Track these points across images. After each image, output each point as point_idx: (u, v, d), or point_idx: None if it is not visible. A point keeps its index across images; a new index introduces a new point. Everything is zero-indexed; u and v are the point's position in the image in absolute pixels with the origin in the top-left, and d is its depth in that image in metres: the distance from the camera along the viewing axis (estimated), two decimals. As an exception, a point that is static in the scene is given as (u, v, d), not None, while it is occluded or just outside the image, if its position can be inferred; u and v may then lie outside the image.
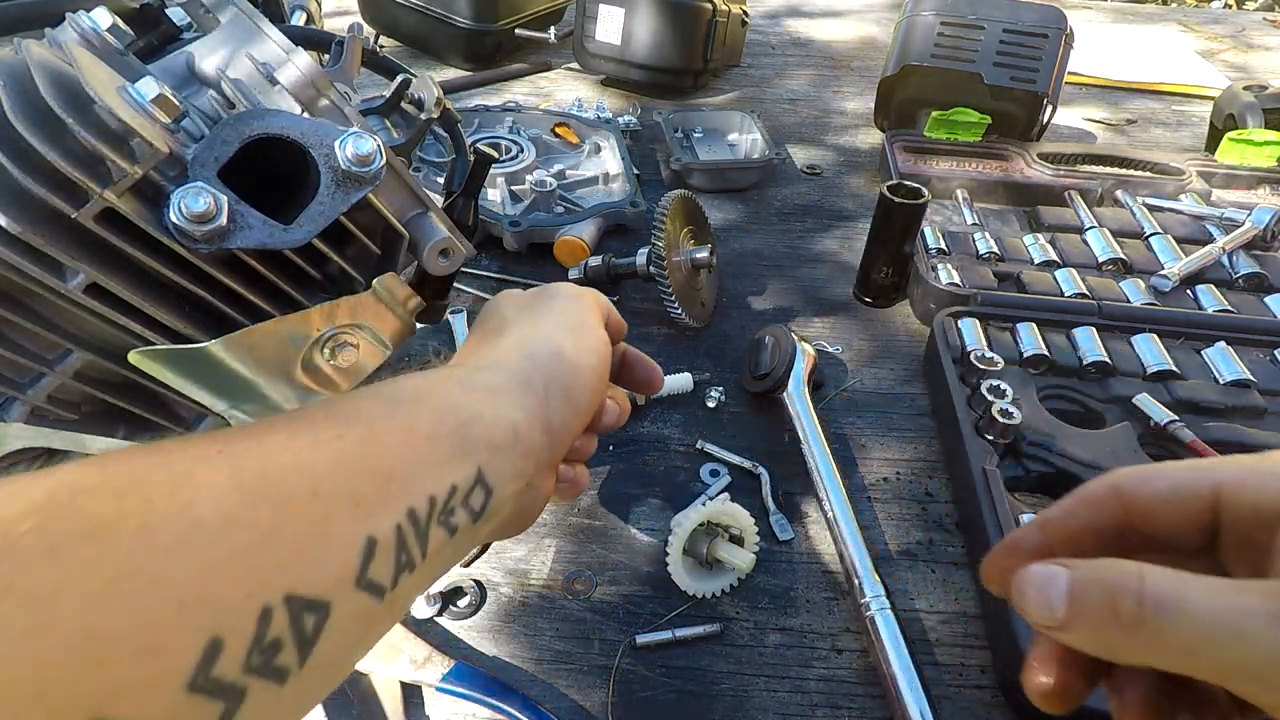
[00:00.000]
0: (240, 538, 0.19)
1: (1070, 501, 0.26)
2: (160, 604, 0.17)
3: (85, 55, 0.31)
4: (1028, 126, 0.96)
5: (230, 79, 0.36)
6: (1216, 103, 1.01)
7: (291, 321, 0.38)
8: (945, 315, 0.68)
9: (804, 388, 0.62)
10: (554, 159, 0.95)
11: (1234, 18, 1.69)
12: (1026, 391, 0.62)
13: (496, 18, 1.19)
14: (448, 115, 0.46)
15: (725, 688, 0.46)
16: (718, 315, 0.75)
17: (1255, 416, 0.61)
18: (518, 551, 0.53)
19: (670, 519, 0.53)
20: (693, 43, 1.11)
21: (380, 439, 0.24)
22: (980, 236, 0.80)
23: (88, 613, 0.16)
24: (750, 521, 0.51)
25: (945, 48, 0.93)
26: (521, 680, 0.46)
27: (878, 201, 0.73)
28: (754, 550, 0.50)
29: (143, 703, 0.16)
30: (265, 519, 0.19)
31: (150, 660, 0.16)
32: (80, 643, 0.15)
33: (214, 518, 0.19)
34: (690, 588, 0.50)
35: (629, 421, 0.62)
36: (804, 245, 0.86)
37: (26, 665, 0.15)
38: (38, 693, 0.15)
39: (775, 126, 1.11)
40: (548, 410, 0.31)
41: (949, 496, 0.58)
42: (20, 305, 0.31)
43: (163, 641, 0.17)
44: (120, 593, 0.16)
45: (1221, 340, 0.67)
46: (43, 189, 0.28)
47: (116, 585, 0.16)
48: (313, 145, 0.34)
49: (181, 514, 0.18)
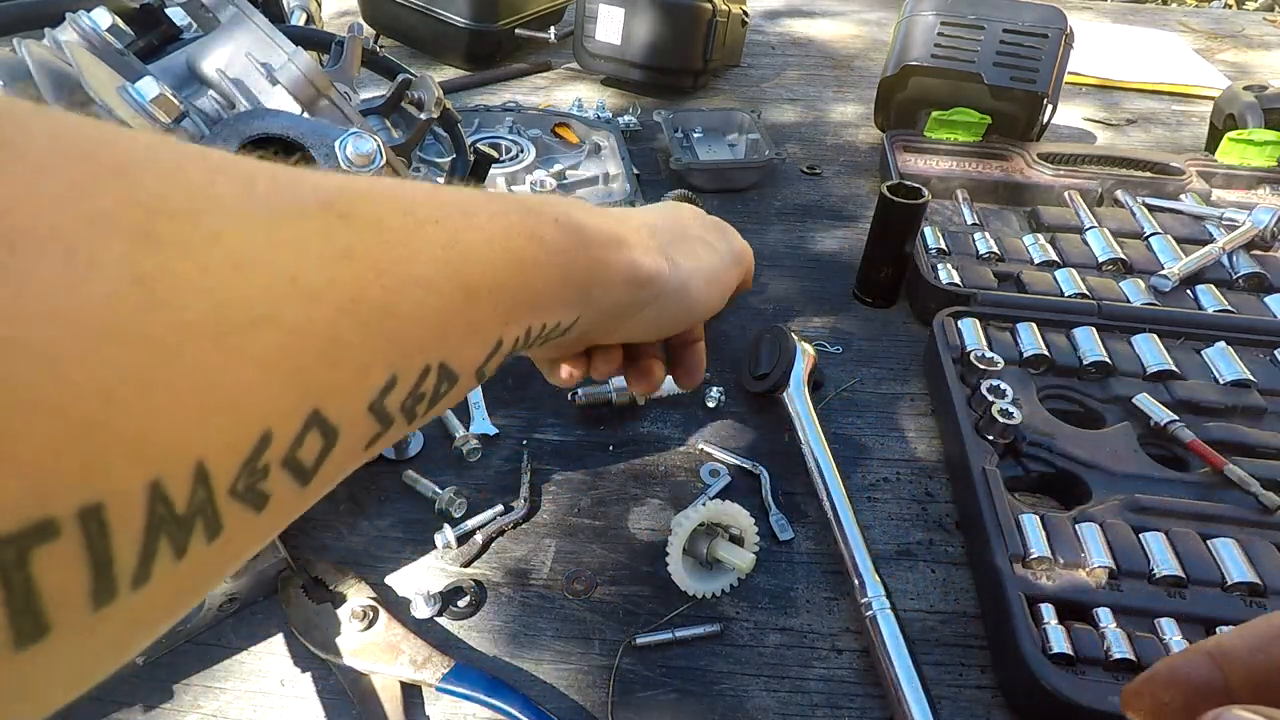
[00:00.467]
0: (439, 302, 0.21)
1: (1256, 632, 0.21)
2: (396, 328, 0.19)
3: (85, 55, 0.31)
4: (1028, 126, 0.96)
5: (230, 79, 0.36)
6: (1216, 103, 1.01)
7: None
8: (945, 315, 0.68)
9: (804, 388, 0.62)
10: (554, 159, 0.95)
11: (1234, 18, 1.69)
12: (1026, 391, 0.62)
13: (496, 18, 1.19)
14: (448, 115, 0.46)
15: (725, 688, 0.46)
16: (718, 315, 0.75)
17: (1255, 416, 0.62)
18: (518, 551, 0.53)
19: (670, 519, 0.53)
20: (693, 43, 1.11)
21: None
22: (980, 236, 0.80)
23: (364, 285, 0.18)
24: (750, 522, 0.51)
25: (945, 48, 0.93)
26: (521, 680, 0.46)
27: (878, 201, 0.73)
28: (754, 550, 0.51)
29: (338, 408, 0.18)
30: (458, 296, 0.22)
31: (360, 375, 0.18)
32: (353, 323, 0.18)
33: (435, 276, 0.21)
34: (690, 588, 0.50)
35: (629, 421, 0.63)
36: (804, 245, 0.86)
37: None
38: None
39: (775, 126, 1.12)
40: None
41: (949, 496, 0.59)
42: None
43: (376, 363, 0.19)
44: (392, 287, 0.19)
45: (1221, 340, 0.67)
46: (43, 189, 0.28)
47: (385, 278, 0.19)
48: (313, 145, 0.34)
49: (402, 268, 0.20)
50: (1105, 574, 0.49)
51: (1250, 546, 0.50)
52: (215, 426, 0.15)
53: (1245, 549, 0.50)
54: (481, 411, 0.63)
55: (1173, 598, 0.48)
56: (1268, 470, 0.55)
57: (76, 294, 0.12)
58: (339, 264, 0.18)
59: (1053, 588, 0.49)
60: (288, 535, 0.46)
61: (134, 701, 0.44)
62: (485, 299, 0.23)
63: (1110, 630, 0.46)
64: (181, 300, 0.14)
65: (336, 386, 0.18)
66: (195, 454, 0.14)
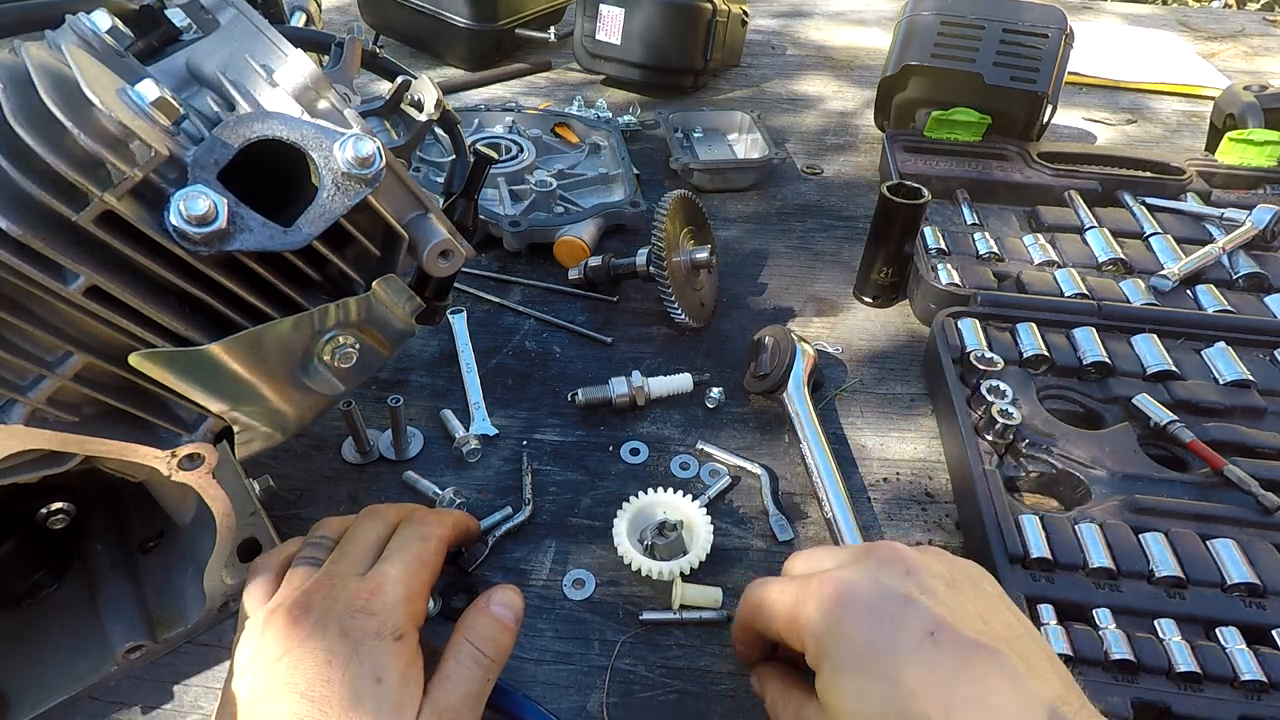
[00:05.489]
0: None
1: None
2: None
3: (85, 58, 0.31)
4: (1028, 126, 0.96)
5: (230, 81, 0.36)
6: (1216, 103, 1.01)
7: (291, 323, 0.38)
8: (945, 315, 0.68)
9: (804, 388, 0.62)
10: (554, 159, 0.95)
11: (1234, 18, 1.69)
12: (1026, 391, 0.62)
13: (496, 18, 1.19)
14: (447, 116, 0.46)
15: (725, 688, 0.46)
16: (718, 315, 0.75)
17: (1255, 417, 0.61)
18: (518, 552, 0.53)
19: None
20: (693, 43, 1.11)
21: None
22: (980, 236, 0.80)
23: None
24: (683, 502, 0.53)
25: (945, 48, 0.93)
26: (521, 680, 0.46)
27: (878, 201, 0.73)
28: (709, 527, 0.52)
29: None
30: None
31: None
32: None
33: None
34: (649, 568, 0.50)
35: (629, 421, 0.63)
36: (804, 245, 0.86)
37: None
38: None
39: (775, 126, 1.11)
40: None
41: (949, 496, 0.59)
42: (21, 308, 0.31)
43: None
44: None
45: (1221, 340, 0.67)
46: (43, 192, 0.28)
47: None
48: (313, 147, 0.34)
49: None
50: (1104, 574, 0.49)
51: (1250, 547, 0.50)
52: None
53: (1245, 549, 0.50)
54: (481, 412, 0.63)
55: (1172, 598, 0.48)
56: (1267, 470, 0.55)
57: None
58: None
59: (1052, 588, 0.49)
60: (287, 536, 0.46)
61: (134, 702, 0.44)
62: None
63: (1109, 631, 0.46)
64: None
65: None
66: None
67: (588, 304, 0.76)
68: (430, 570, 0.41)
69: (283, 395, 0.40)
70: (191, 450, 0.38)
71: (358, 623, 0.36)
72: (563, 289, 0.77)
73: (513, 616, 0.42)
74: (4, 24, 0.37)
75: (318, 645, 0.35)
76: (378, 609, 0.37)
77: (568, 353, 0.70)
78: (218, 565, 0.44)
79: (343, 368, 0.41)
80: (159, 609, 0.46)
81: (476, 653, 0.39)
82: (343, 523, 0.44)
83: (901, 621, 0.34)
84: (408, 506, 0.46)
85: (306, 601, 0.37)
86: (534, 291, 0.77)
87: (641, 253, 0.72)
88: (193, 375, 0.36)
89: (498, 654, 0.40)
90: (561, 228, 0.79)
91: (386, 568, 0.39)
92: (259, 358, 0.38)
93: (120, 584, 0.46)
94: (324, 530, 0.44)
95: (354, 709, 0.33)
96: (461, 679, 0.38)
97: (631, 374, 0.64)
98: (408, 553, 0.41)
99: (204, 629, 0.47)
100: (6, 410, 0.33)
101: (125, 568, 0.47)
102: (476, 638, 0.40)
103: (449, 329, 0.71)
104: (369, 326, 0.42)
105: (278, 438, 0.42)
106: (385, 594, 0.38)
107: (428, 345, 0.70)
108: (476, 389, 0.65)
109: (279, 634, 0.36)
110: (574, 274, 0.76)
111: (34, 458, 0.35)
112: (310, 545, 0.42)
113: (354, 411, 0.56)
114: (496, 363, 0.69)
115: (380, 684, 0.35)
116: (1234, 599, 0.48)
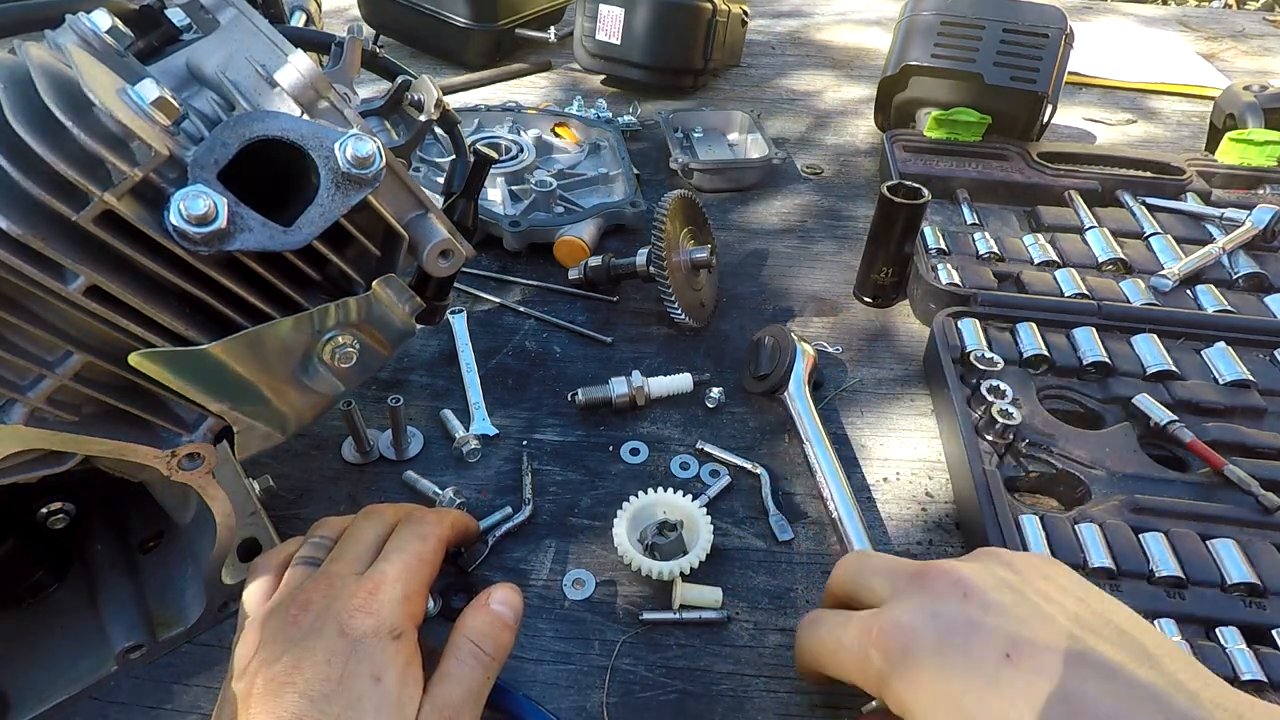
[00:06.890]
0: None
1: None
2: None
3: (85, 57, 0.31)
4: (1028, 126, 0.96)
5: (230, 81, 0.36)
6: (1216, 103, 1.01)
7: (291, 323, 0.38)
8: (945, 315, 0.68)
9: (804, 388, 0.62)
10: (554, 159, 0.95)
11: (1234, 18, 1.69)
12: (1026, 391, 0.62)
13: (496, 18, 1.19)
14: (447, 116, 0.46)
15: (725, 688, 0.46)
16: (718, 315, 0.75)
17: (1255, 417, 0.62)
18: (517, 552, 0.54)
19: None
20: (693, 43, 1.11)
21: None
22: (980, 236, 0.80)
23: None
24: (683, 502, 0.53)
25: (945, 48, 0.93)
26: (521, 680, 0.46)
27: (878, 201, 0.73)
28: (709, 527, 0.51)
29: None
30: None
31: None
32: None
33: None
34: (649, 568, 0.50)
35: (629, 421, 0.63)
36: (804, 245, 0.86)
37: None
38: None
39: (775, 126, 1.12)
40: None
41: (949, 496, 0.59)
42: (20, 307, 0.31)
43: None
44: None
45: (1221, 340, 0.67)
46: (43, 191, 0.28)
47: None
48: (312, 147, 0.34)
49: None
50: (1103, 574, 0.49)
51: (1250, 547, 0.50)
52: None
53: (1245, 549, 0.50)
54: (481, 412, 0.63)
55: (1172, 598, 0.48)
56: (1267, 470, 0.55)
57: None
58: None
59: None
60: (287, 536, 0.46)
61: (134, 702, 0.44)
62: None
63: (1110, 630, 0.46)
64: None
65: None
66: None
67: (588, 304, 0.76)
68: (429, 569, 0.41)
69: (282, 395, 0.40)
70: (191, 450, 0.38)
71: (356, 622, 0.36)
72: (563, 289, 0.77)
73: (513, 614, 0.42)
74: (4, 24, 0.37)
75: (316, 644, 0.35)
76: (376, 608, 0.37)
77: (568, 353, 0.70)
78: (217, 565, 0.44)
79: (343, 367, 0.41)
80: (159, 609, 0.46)
81: (476, 650, 0.39)
82: (342, 522, 0.44)
83: (970, 653, 0.32)
84: (407, 506, 0.46)
85: (305, 601, 0.37)
86: (534, 291, 0.77)
87: (641, 253, 0.72)
88: (192, 375, 0.36)
89: (498, 651, 0.40)
90: (561, 228, 0.79)
91: (385, 567, 0.39)
92: (259, 357, 0.38)
93: (120, 584, 0.46)
94: (323, 530, 0.44)
95: (353, 708, 0.33)
96: (461, 676, 0.38)
97: (631, 374, 0.64)
98: (406, 552, 0.41)
99: (204, 629, 0.47)
100: (6, 410, 0.33)
101: (125, 568, 0.47)
102: (476, 635, 0.40)
103: (449, 329, 0.71)
104: (369, 326, 0.42)
105: (277, 437, 0.42)
106: (383, 593, 0.38)
107: (428, 345, 0.70)
108: (476, 389, 0.65)
109: (278, 634, 0.36)
110: (574, 274, 0.76)
111: (34, 457, 0.35)
112: (309, 545, 0.42)
113: (354, 411, 0.56)
114: (496, 363, 0.69)
115: (379, 682, 0.35)
116: (1234, 599, 0.48)
